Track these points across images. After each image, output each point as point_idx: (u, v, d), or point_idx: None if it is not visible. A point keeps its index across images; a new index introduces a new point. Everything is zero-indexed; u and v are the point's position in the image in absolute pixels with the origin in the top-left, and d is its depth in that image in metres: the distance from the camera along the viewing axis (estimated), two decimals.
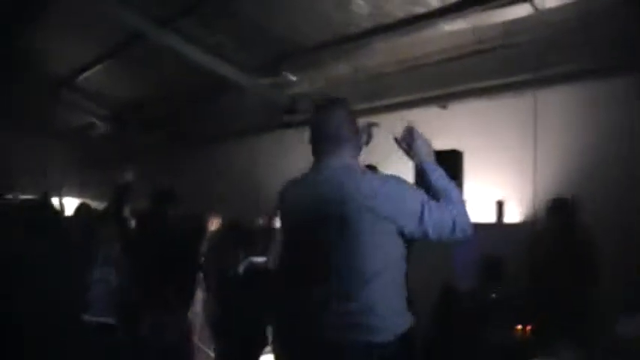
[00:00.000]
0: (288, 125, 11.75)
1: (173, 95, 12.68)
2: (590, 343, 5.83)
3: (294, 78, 10.80)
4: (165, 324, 6.29)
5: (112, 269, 6.35)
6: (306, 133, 11.05)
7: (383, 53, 9.62)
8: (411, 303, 3.32)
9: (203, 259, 7.63)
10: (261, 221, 10.21)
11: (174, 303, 6.35)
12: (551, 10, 7.60)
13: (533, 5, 7.51)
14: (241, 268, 6.70)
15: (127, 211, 7.59)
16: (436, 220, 3.23)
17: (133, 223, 7.17)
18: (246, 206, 11.27)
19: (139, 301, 6.25)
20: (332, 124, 3.54)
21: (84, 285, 5.79)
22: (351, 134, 3.58)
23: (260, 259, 6.87)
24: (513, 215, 8.32)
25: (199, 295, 7.67)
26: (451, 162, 7.72)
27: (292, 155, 11.84)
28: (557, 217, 6.82)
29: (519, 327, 6.03)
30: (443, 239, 3.26)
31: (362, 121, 3.84)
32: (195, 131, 13.41)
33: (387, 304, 3.14)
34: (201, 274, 7.44)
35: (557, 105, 8.28)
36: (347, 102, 3.70)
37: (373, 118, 9.83)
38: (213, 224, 9.47)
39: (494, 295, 6.11)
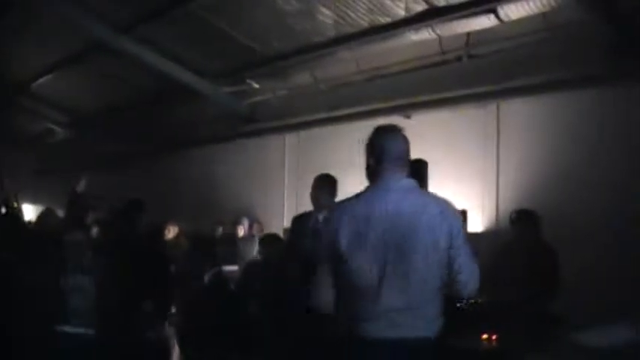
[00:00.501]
0: (249, 134, 11.70)
1: (133, 103, 12.55)
2: (554, 352, 5.86)
3: (257, 85, 10.74)
4: (144, 333, 6.19)
5: (87, 277, 6.20)
6: (264, 142, 11.00)
7: (347, 63, 9.64)
8: None
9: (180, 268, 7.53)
10: (221, 230, 10.14)
11: (152, 312, 6.25)
12: (515, 22, 7.68)
13: (497, 17, 7.57)
14: (207, 278, 6.61)
15: (89, 219, 7.47)
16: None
17: (96, 231, 7.06)
18: (206, 215, 11.20)
19: (120, 311, 6.14)
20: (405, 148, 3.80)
21: (56, 294, 5.67)
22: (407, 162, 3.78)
23: (231, 268, 6.81)
24: (476, 225, 8.36)
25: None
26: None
27: (252, 164, 11.81)
28: (521, 226, 6.83)
29: (485, 336, 6.03)
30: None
31: None
32: (156, 139, 13.26)
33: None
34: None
35: (520, 116, 8.34)
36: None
37: (336, 128, 9.95)
38: (171, 232, 9.36)
39: (459, 305, 6.09)
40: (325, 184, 5.91)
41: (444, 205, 3.62)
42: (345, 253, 3.52)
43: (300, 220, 6.02)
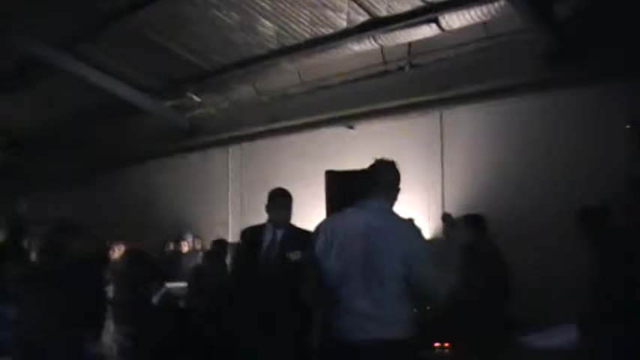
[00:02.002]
0: (192, 148, 11.60)
1: (73, 121, 12.31)
2: (506, 356, 5.92)
3: (198, 99, 10.65)
4: (72, 355, 6.03)
5: (7, 304, 6.00)
6: (207, 155, 10.88)
7: (289, 74, 9.63)
8: None
9: (113, 289, 7.36)
10: (171, 247, 10.00)
11: (81, 336, 6.10)
12: (456, 31, 7.77)
13: (439, 26, 7.65)
14: (156, 299, 6.51)
15: (25, 243, 7.26)
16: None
17: (33, 255, 6.87)
18: (151, 231, 11.04)
19: (44, 337, 5.97)
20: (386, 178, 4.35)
21: None
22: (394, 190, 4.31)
23: (179, 285, 6.72)
24: (423, 232, 8.40)
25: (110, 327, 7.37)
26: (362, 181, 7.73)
27: (196, 178, 11.70)
28: (468, 232, 6.88)
29: (437, 344, 6.05)
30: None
31: None
32: (98, 157, 13.02)
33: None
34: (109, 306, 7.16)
35: (463, 124, 8.44)
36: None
37: (279, 140, 9.92)
38: (116, 252, 9.18)
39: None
40: (290, 203, 5.86)
41: (404, 224, 4.25)
42: (318, 258, 4.07)
43: (253, 232, 5.95)
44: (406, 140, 8.83)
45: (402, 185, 5.41)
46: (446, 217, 8.11)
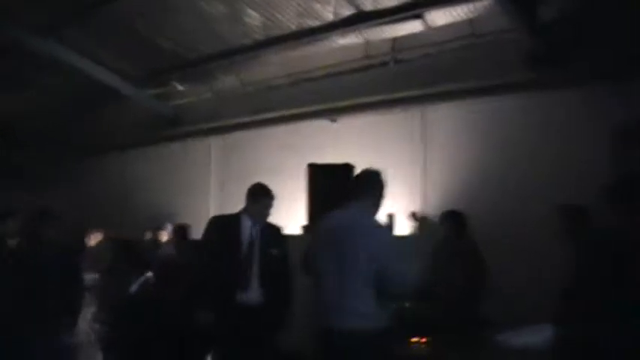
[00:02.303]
0: (174, 137, 11.55)
1: (56, 107, 12.21)
2: (482, 354, 5.95)
3: (182, 88, 10.59)
4: (48, 343, 6.00)
5: None
6: (189, 145, 10.85)
7: (274, 66, 9.61)
8: None
9: (97, 278, 7.34)
10: (150, 235, 9.96)
11: (57, 322, 6.07)
12: (441, 28, 7.79)
13: (424, 22, 7.67)
14: (134, 287, 6.50)
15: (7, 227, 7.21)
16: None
17: (8, 242, 6.82)
18: (131, 220, 10.99)
19: (20, 324, 5.94)
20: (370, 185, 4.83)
21: None
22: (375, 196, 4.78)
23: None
24: (403, 228, 8.43)
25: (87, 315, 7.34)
26: (345, 176, 7.72)
27: (178, 167, 11.65)
28: (447, 228, 6.90)
29: (415, 339, 6.07)
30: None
31: None
32: (80, 143, 12.93)
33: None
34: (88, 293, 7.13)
35: (446, 121, 8.46)
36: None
37: (263, 131, 9.90)
38: (92, 239, 9.15)
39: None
40: (273, 203, 5.89)
41: (375, 224, 4.69)
42: (313, 255, 4.71)
43: (227, 222, 5.94)
44: (388, 135, 8.86)
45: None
46: (413, 215, 8.21)
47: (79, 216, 10.11)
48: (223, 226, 5.86)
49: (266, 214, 5.79)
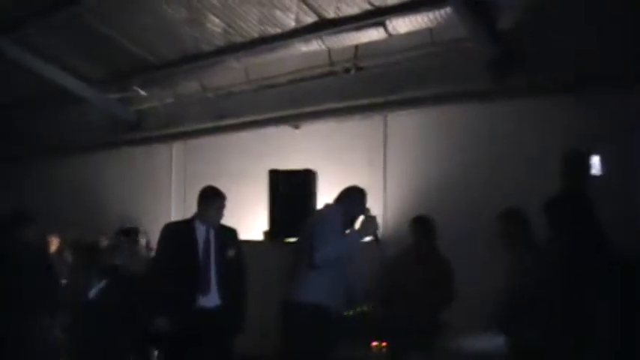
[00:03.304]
0: (135, 142, 11.49)
1: (12, 107, 12.10)
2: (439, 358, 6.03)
3: (144, 93, 10.54)
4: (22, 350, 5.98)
5: None
6: (151, 150, 10.77)
7: (236, 72, 9.63)
8: None
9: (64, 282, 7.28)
10: (105, 241, 9.89)
11: (29, 328, 6.04)
12: (402, 36, 7.87)
13: (385, 30, 7.74)
14: (93, 292, 6.47)
15: None
16: None
17: None
18: (90, 225, 10.89)
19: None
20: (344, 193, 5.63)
21: None
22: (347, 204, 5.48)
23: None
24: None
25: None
26: (306, 181, 7.79)
27: (139, 172, 11.59)
28: (417, 233, 6.90)
29: (375, 343, 6.14)
30: None
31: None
32: (37, 145, 12.79)
33: None
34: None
35: (407, 128, 8.54)
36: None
37: (224, 137, 9.88)
38: (52, 244, 9.07)
39: (349, 312, 6.18)
40: (225, 204, 5.94)
41: (319, 217, 5.46)
42: None
43: (181, 228, 5.98)
44: (350, 142, 8.92)
45: (344, 186, 5.62)
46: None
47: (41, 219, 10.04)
48: (177, 232, 5.90)
49: (219, 216, 5.83)
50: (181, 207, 10.78)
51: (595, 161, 4.56)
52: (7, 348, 5.90)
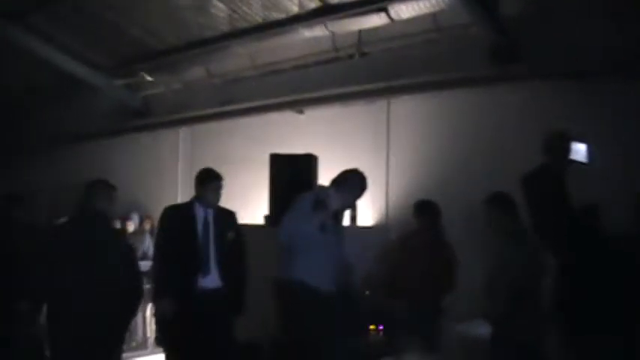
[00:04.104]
0: (142, 128, 11.55)
1: (21, 95, 12.18)
2: (433, 341, 6.06)
3: (150, 78, 10.59)
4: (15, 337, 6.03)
5: None
6: (158, 135, 10.80)
7: (241, 57, 9.66)
8: None
9: None
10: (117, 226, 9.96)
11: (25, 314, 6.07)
12: (405, 21, 7.88)
13: (388, 15, 7.75)
14: None
15: None
16: None
17: None
18: None
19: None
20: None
21: None
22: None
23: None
24: (367, 219, 8.53)
25: None
26: (307, 166, 7.80)
27: (146, 158, 11.65)
28: (422, 219, 6.89)
29: (372, 327, 6.18)
30: None
31: None
32: (44, 133, 12.88)
33: None
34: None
35: (410, 113, 8.56)
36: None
37: (230, 122, 9.91)
38: None
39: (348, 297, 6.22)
40: (222, 185, 5.98)
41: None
42: None
43: (181, 211, 6.04)
44: (353, 127, 8.95)
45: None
46: None
47: (51, 204, 10.15)
48: (176, 215, 5.94)
49: (216, 197, 5.87)
50: (188, 192, 10.81)
51: (580, 148, 4.54)
52: None
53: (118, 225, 9.96)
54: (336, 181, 5.47)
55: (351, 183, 5.49)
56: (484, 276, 5.51)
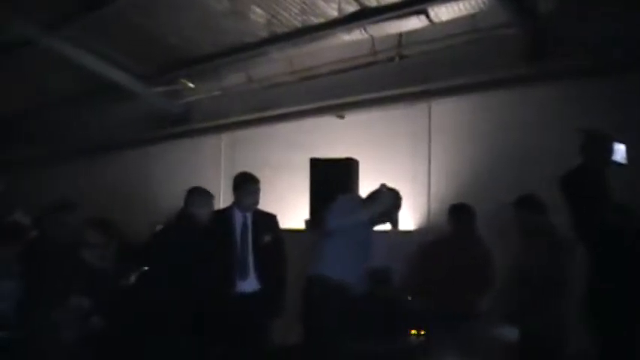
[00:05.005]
0: (183, 135, 11.62)
1: (64, 103, 12.32)
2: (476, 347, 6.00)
3: (191, 85, 10.66)
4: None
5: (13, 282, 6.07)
6: (199, 142, 10.81)
7: (279, 63, 9.67)
8: None
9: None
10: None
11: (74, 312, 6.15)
12: (445, 23, 7.82)
13: (427, 17, 7.70)
14: (132, 279, 6.57)
15: (21, 218, 7.33)
16: None
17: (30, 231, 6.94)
18: (141, 216, 11.04)
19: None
20: None
21: None
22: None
23: None
24: (408, 223, 8.46)
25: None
26: (347, 170, 7.78)
27: (188, 164, 11.71)
28: (456, 222, 6.86)
29: (414, 332, 6.13)
30: None
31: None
32: (88, 140, 13.03)
33: None
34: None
35: (451, 115, 8.48)
36: None
37: (271, 128, 9.92)
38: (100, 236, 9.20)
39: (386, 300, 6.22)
40: (259, 188, 6.03)
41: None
42: None
43: (221, 216, 6.09)
44: (394, 131, 8.89)
45: (388, 175, 5.61)
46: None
47: (90, 211, 10.20)
48: (216, 220, 5.99)
49: (254, 200, 5.91)
50: (230, 199, 10.87)
51: (619, 148, 4.46)
52: None
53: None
54: (371, 196, 5.61)
55: (386, 198, 5.58)
56: (513, 275, 5.51)
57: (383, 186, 5.65)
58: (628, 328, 4.23)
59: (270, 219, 6.07)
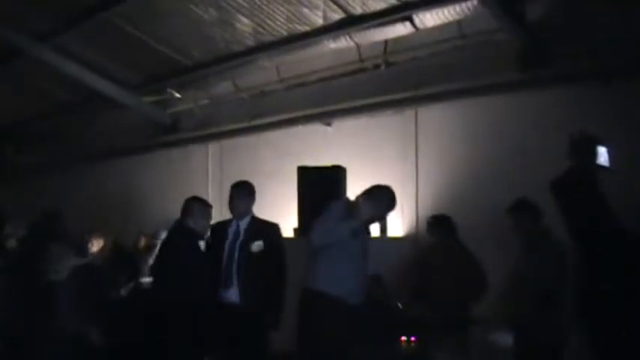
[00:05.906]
0: (171, 144, 11.60)
1: (52, 113, 12.31)
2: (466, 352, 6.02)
3: (178, 95, 10.66)
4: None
5: None
6: (187, 151, 10.82)
7: (267, 71, 9.68)
8: None
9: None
10: (143, 241, 9.98)
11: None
12: (430, 30, 7.84)
13: (413, 24, 7.72)
14: (124, 291, 6.57)
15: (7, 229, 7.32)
16: None
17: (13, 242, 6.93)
18: (130, 226, 11.01)
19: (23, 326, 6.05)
20: None
21: None
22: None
23: (147, 280, 6.78)
24: (396, 230, 8.46)
25: None
26: (334, 178, 7.79)
27: (175, 174, 11.68)
28: (437, 232, 6.91)
29: (404, 339, 6.13)
30: None
31: None
32: (76, 150, 13.00)
33: None
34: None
35: (438, 122, 8.49)
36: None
37: (258, 136, 9.93)
38: (95, 245, 9.17)
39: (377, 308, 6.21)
40: (246, 192, 6.04)
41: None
42: None
43: (220, 226, 6.11)
44: (381, 137, 8.89)
45: (376, 182, 5.62)
46: None
47: (79, 221, 10.18)
48: (215, 230, 6.06)
49: (240, 204, 5.98)
50: (217, 207, 10.83)
51: (602, 151, 4.48)
52: None
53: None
54: (366, 194, 5.50)
55: (381, 197, 5.51)
56: (508, 280, 5.53)
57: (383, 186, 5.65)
58: (623, 331, 4.23)
59: (268, 227, 6.05)
